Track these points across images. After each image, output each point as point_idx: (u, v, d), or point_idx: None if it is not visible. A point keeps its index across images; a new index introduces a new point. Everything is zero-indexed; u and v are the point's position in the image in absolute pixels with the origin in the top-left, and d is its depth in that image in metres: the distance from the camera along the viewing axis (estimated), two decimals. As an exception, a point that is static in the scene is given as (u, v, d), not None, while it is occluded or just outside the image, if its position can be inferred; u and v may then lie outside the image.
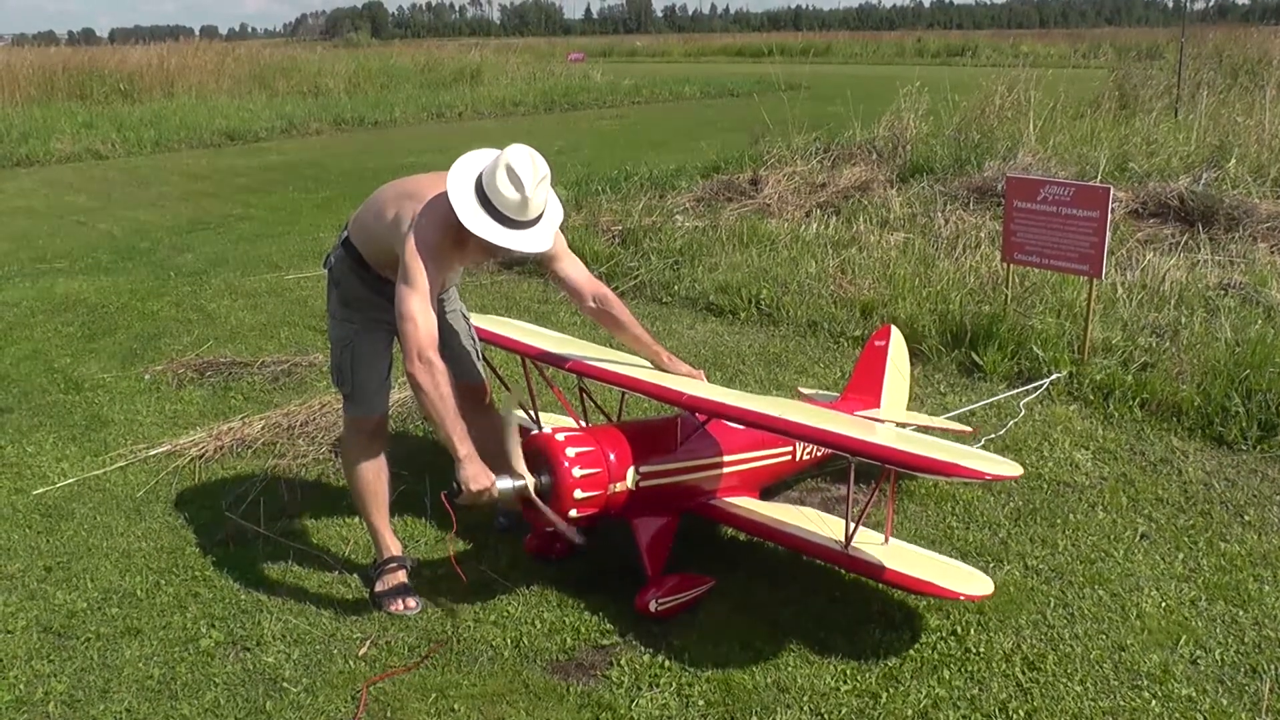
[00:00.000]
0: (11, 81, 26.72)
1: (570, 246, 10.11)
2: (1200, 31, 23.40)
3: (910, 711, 3.86)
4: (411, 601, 4.59)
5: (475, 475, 4.04)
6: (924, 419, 5.88)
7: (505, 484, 4.15)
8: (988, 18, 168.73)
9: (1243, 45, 20.62)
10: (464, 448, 4.04)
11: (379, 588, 4.66)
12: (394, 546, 4.77)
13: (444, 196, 4.09)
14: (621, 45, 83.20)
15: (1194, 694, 3.93)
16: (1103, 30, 69.44)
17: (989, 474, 3.81)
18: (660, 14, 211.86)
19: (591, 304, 4.72)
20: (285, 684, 4.12)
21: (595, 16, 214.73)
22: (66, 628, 4.54)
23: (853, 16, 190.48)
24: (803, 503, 5.38)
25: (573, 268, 4.71)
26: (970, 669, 4.10)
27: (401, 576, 4.68)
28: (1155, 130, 14.06)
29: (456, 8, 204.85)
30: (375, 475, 4.71)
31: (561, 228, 4.53)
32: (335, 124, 25.84)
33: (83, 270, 11.17)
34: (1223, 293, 8.22)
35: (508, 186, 4.06)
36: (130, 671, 4.23)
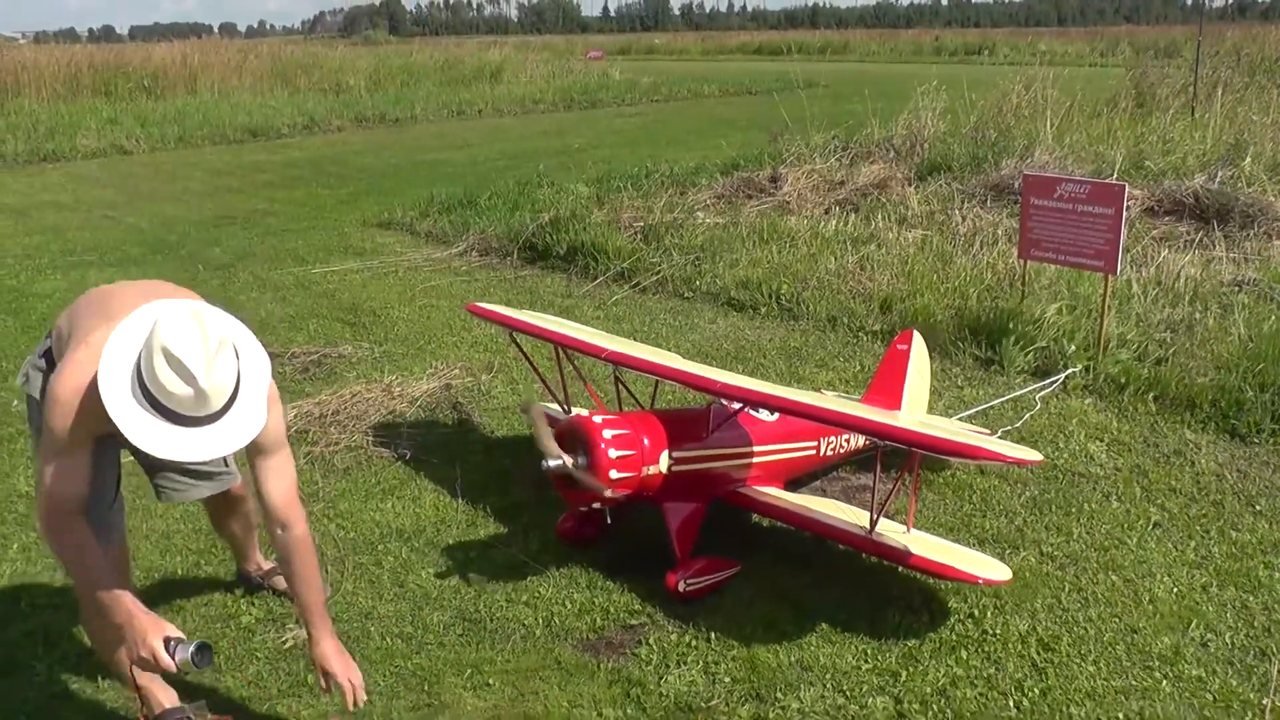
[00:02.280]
0: (38, 78, 26.99)
1: (591, 244, 10.37)
2: (1219, 30, 23.49)
3: (929, 689, 4.00)
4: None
5: (141, 633, 3.11)
6: (944, 421, 6.04)
7: (547, 464, 4.32)
8: (1005, 16, 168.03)
9: (1261, 44, 20.64)
10: (122, 610, 3.18)
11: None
12: (167, 696, 3.79)
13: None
14: (639, 43, 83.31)
15: (1204, 675, 4.06)
16: (1121, 28, 69.22)
17: (1011, 457, 3.99)
18: (677, 11, 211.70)
19: (278, 530, 3.53)
20: (326, 659, 4.28)
21: (613, 14, 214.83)
22: (113, 605, 4.70)
23: (870, 14, 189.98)
24: (825, 492, 5.53)
25: (276, 474, 3.51)
26: (987, 650, 4.24)
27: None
28: (1171, 129, 14.15)
29: (474, 5, 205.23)
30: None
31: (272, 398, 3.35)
32: (357, 121, 26.05)
33: (112, 263, 11.36)
34: (1237, 289, 8.33)
35: (171, 379, 2.95)
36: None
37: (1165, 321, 7.66)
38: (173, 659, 3.08)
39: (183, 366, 2.92)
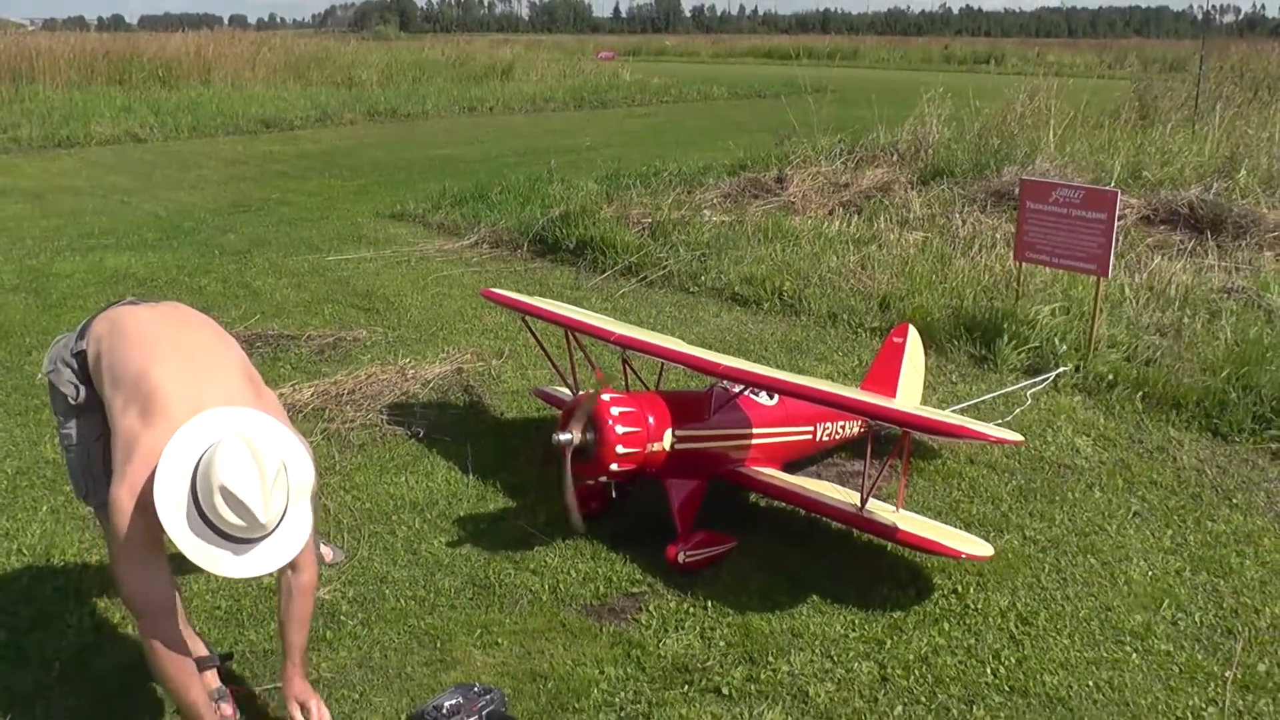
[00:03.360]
0: (53, 65, 27.24)
1: (600, 239, 10.62)
2: (1225, 45, 23.68)
3: (912, 657, 4.25)
4: (227, 709, 3.86)
5: None
6: (936, 412, 6.29)
7: (557, 438, 4.61)
8: (1016, 26, 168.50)
9: (1265, 60, 20.86)
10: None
11: None
12: (196, 647, 3.93)
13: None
14: (650, 44, 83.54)
15: (1172, 649, 4.31)
16: (1130, 41, 69.40)
17: (993, 437, 4.25)
18: (689, 14, 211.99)
19: (288, 571, 3.59)
20: (343, 618, 4.53)
21: (624, 15, 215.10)
22: (139, 565, 4.95)
23: (881, 21, 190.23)
24: (819, 476, 5.78)
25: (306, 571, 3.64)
26: (968, 622, 4.49)
27: (211, 679, 3.92)
28: (1171, 140, 14.39)
29: (485, 3, 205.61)
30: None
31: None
32: (369, 115, 26.30)
33: (129, 247, 11.60)
34: (1226, 296, 8.58)
35: (228, 514, 3.07)
36: (199, 603, 4.64)
37: (1155, 325, 7.92)
38: None
39: (242, 505, 3.03)
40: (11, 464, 6.01)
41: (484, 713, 3.63)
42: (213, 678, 3.95)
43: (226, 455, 3.05)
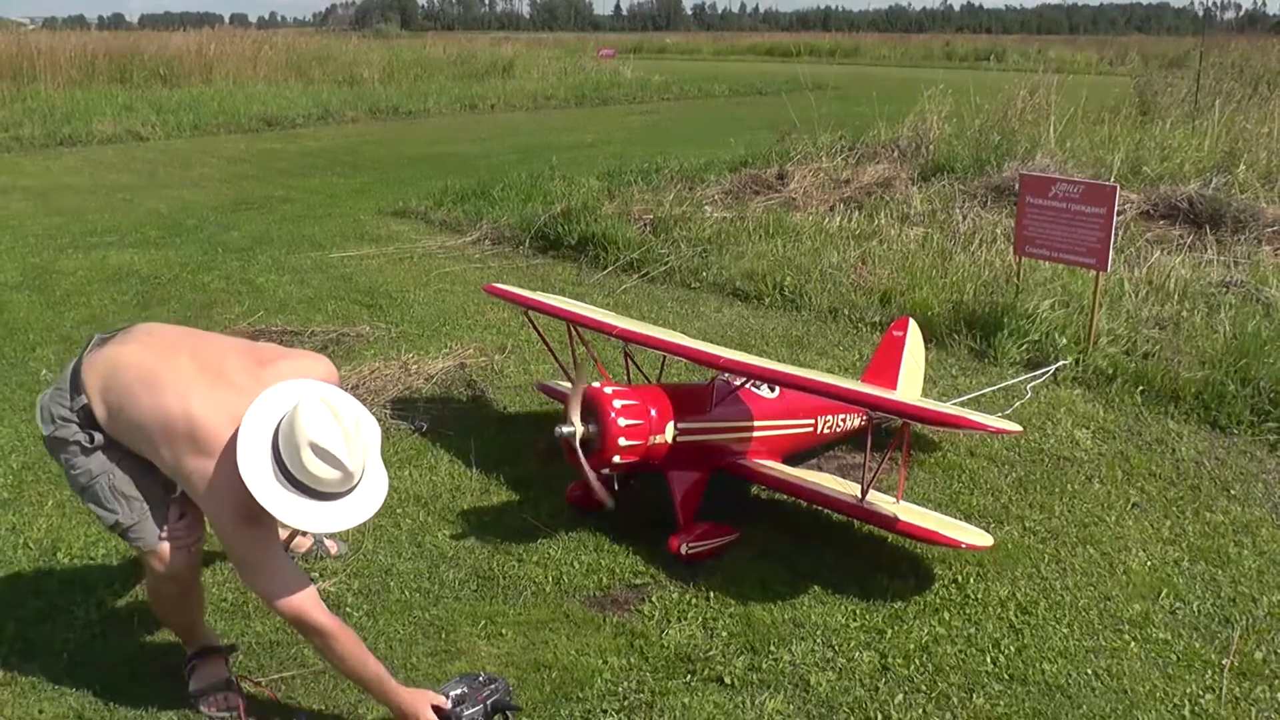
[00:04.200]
0: (54, 64, 27.27)
1: (602, 235, 10.68)
2: (1225, 41, 23.72)
3: (913, 645, 4.29)
4: (234, 698, 3.92)
5: (422, 715, 3.57)
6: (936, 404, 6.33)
7: (559, 430, 4.65)
8: (1017, 23, 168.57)
9: (1265, 56, 20.89)
10: (392, 687, 3.60)
11: (194, 686, 3.94)
12: (206, 636, 4.05)
13: (236, 463, 3.28)
14: (651, 42, 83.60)
15: (1170, 638, 4.35)
16: (1131, 37, 69.39)
17: (992, 427, 4.30)
18: (689, 11, 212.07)
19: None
20: (348, 609, 4.57)
21: (625, 13, 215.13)
22: (145, 558, 4.99)
23: (882, 18, 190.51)
24: (820, 468, 5.82)
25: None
26: (968, 612, 4.53)
27: (220, 669, 4.00)
28: (1170, 136, 14.42)
29: (486, 1, 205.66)
30: (191, 600, 3.92)
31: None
32: (370, 113, 26.36)
33: (132, 244, 11.64)
34: (1224, 290, 8.62)
35: (321, 467, 3.25)
36: (206, 595, 4.67)
37: (1154, 318, 7.95)
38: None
39: (332, 457, 3.22)
40: (17, 459, 6.05)
41: (489, 701, 3.66)
42: (223, 667, 4.01)
43: (308, 413, 3.24)
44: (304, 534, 4.92)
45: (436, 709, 3.58)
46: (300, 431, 3.21)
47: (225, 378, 3.50)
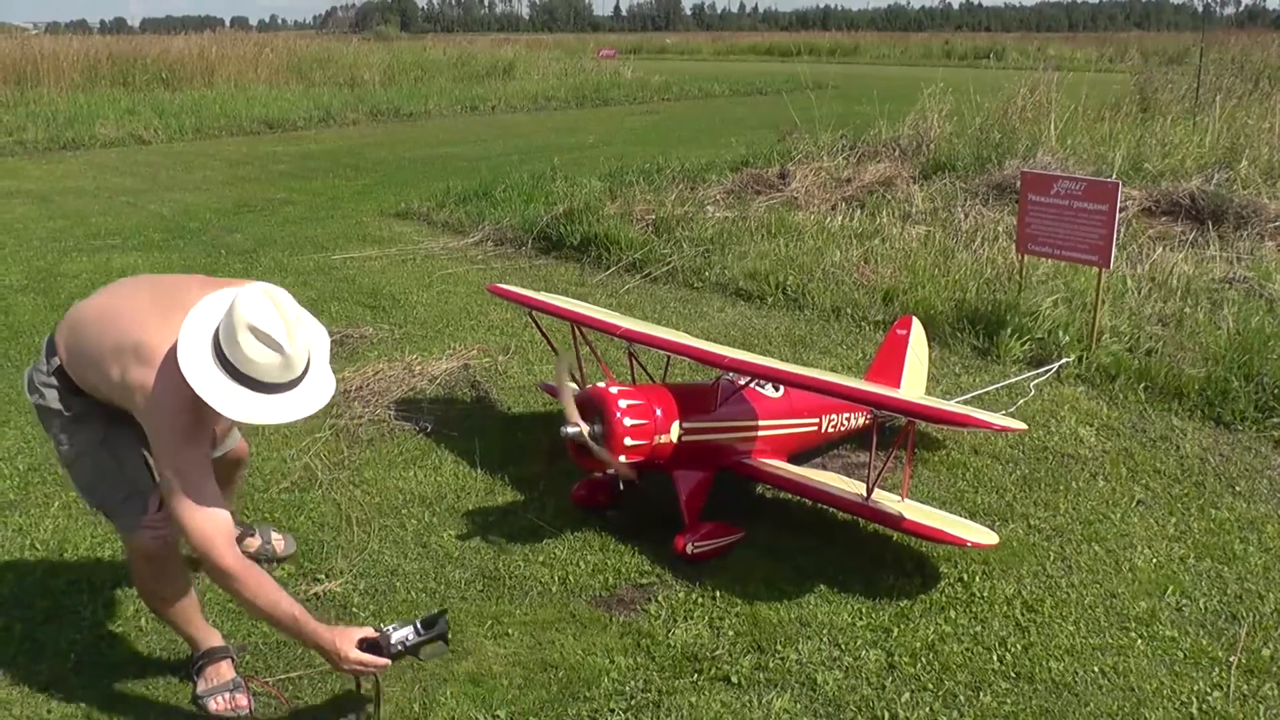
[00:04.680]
0: (56, 68, 27.32)
1: (604, 235, 10.69)
2: (1225, 36, 23.72)
3: (919, 644, 4.29)
4: (241, 699, 3.93)
5: (343, 649, 3.50)
6: (940, 402, 6.34)
7: (565, 430, 4.64)
8: (1016, 20, 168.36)
9: (1265, 51, 20.89)
10: (311, 627, 3.51)
11: (200, 687, 3.96)
12: (212, 637, 4.06)
13: (177, 365, 3.28)
14: (651, 42, 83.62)
15: (1176, 635, 4.35)
16: (1130, 34, 69.31)
17: (997, 425, 4.31)
18: (689, 11, 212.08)
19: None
20: (354, 609, 4.58)
21: (624, 13, 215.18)
22: (152, 558, 5.00)
23: (881, 17, 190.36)
24: (825, 467, 5.82)
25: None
26: (974, 610, 4.53)
27: (226, 670, 4.01)
28: (1171, 132, 14.42)
29: (486, 3, 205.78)
30: (177, 587, 3.90)
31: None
32: (371, 115, 26.35)
33: (136, 247, 11.66)
34: (1227, 286, 8.62)
35: (259, 350, 3.24)
36: (211, 596, 4.63)
37: (1157, 315, 7.96)
38: (385, 652, 3.51)
39: (269, 338, 3.20)
40: (24, 460, 6.06)
41: (418, 622, 3.63)
42: (229, 668, 4.01)
43: (247, 300, 3.24)
44: (253, 535, 4.91)
45: (367, 640, 3.52)
46: (238, 316, 3.20)
47: (181, 305, 3.47)
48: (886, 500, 4.81)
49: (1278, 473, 5.88)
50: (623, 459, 4.72)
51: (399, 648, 3.55)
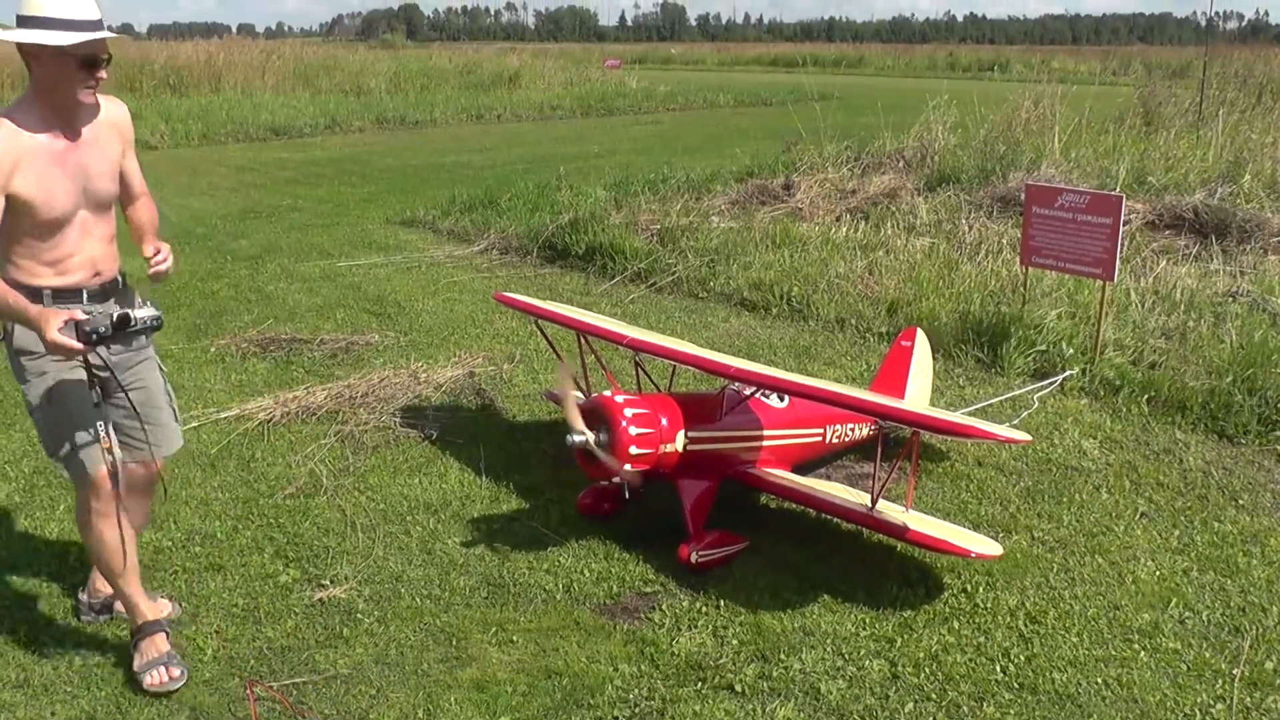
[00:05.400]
0: (63, 74, 27.34)
1: (609, 245, 10.71)
2: (1229, 51, 23.73)
3: (922, 654, 4.30)
4: (175, 670, 4.09)
5: (46, 328, 3.64)
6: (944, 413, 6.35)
7: (570, 439, 4.65)
8: (1020, 33, 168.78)
9: (1268, 65, 20.90)
10: (21, 303, 3.73)
11: (136, 661, 4.13)
12: (149, 611, 4.21)
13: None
14: (656, 52, 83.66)
15: (1180, 647, 4.36)
16: (1134, 48, 69.37)
17: (1002, 436, 4.31)
18: (694, 22, 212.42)
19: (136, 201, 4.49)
20: (359, 615, 4.59)
21: (629, 24, 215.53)
22: (154, 561, 5.02)
23: (886, 29, 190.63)
24: (829, 478, 5.83)
25: (145, 201, 4.55)
26: (978, 621, 4.54)
27: (161, 643, 4.16)
28: (1175, 146, 14.43)
29: (491, 12, 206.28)
30: (117, 538, 4.02)
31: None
32: (377, 122, 26.44)
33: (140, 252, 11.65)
34: (1230, 299, 8.63)
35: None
36: (216, 600, 4.71)
37: (1160, 328, 7.96)
38: (84, 338, 3.67)
39: None
40: (29, 464, 6.09)
41: (114, 315, 3.78)
42: (164, 640, 4.17)
43: None
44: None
45: (74, 321, 3.66)
46: None
47: None
48: (891, 511, 4.82)
49: (1281, 486, 5.89)
50: (628, 468, 4.73)
51: (93, 336, 3.71)
